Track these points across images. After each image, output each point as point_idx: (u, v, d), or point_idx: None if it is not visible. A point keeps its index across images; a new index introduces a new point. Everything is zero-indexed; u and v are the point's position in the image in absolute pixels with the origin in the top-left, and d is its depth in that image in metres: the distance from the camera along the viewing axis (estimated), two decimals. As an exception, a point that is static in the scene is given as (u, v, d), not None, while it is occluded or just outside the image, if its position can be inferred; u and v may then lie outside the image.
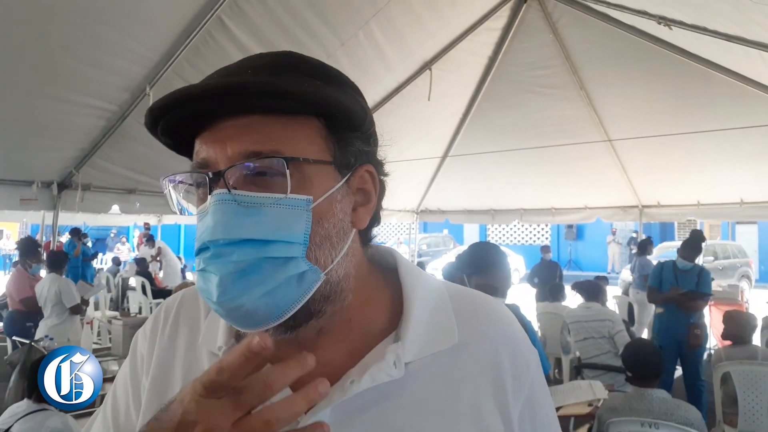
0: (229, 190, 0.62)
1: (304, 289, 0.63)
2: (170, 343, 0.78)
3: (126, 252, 16.75)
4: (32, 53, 4.00)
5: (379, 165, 0.73)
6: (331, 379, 0.66)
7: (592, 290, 5.21)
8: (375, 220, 0.73)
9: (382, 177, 0.74)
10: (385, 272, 0.77)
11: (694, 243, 5.29)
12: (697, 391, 4.93)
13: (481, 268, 2.25)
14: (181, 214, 0.68)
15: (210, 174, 0.63)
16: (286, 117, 0.64)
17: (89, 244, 12.43)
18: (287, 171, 0.62)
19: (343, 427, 0.65)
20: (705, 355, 6.73)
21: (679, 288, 5.14)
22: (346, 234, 0.68)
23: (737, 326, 4.26)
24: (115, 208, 6.37)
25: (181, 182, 0.67)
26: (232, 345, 0.70)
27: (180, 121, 0.65)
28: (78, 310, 5.41)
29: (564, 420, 3.44)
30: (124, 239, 18.28)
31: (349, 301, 0.69)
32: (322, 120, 0.66)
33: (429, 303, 0.73)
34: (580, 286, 5.48)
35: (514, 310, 2.40)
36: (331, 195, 0.66)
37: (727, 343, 4.47)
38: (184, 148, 0.69)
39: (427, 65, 6.14)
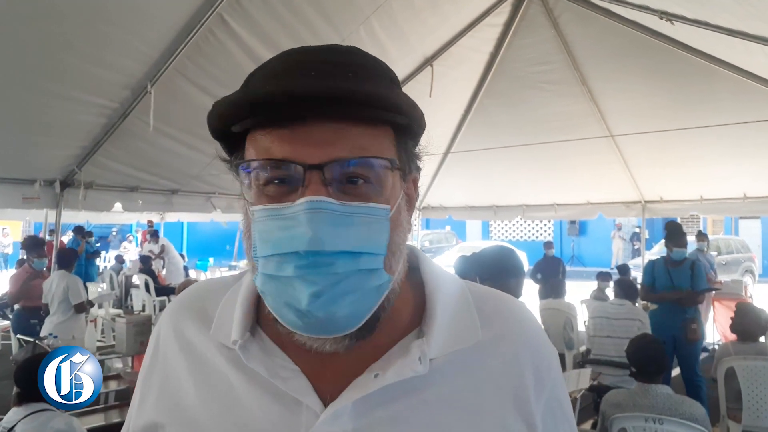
0: (327, 190, 0.60)
1: (378, 298, 0.63)
2: (176, 344, 0.77)
3: (133, 250, 16.74)
4: (33, 51, 4.00)
5: (419, 171, 0.74)
6: (355, 373, 0.67)
7: (629, 288, 5.18)
8: None
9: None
10: (409, 269, 0.75)
11: (676, 232, 5.30)
12: (696, 387, 4.92)
13: (496, 274, 2.23)
14: (252, 206, 0.64)
15: (306, 167, 0.60)
16: (367, 125, 0.62)
17: (94, 242, 12.43)
18: (392, 174, 0.63)
19: (364, 421, 0.65)
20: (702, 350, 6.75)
21: (677, 291, 5.12)
22: (406, 240, 0.69)
23: (749, 322, 4.20)
24: (118, 206, 6.37)
25: (254, 170, 0.63)
26: (247, 338, 0.69)
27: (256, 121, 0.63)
28: (82, 308, 5.42)
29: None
30: (130, 237, 18.29)
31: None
32: (394, 129, 0.66)
33: (452, 300, 0.73)
34: (620, 283, 5.45)
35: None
36: (399, 203, 0.66)
37: (734, 337, 4.45)
38: (223, 136, 0.67)
39: (428, 61, 6.13)
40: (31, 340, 4.72)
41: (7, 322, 7.07)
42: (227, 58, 4.67)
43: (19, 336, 5.42)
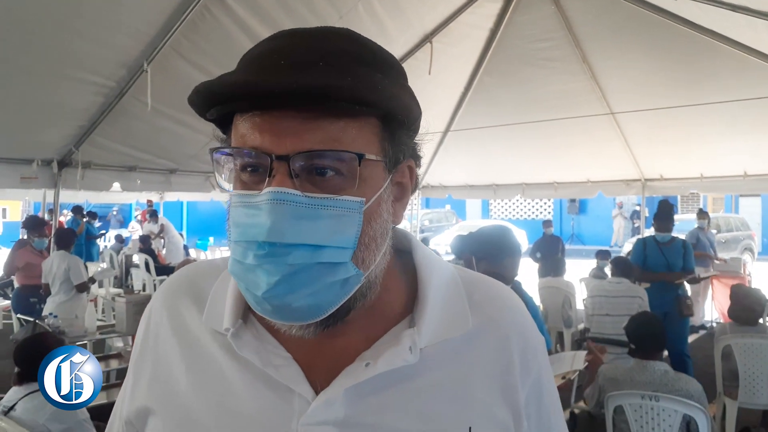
0: (293, 181, 0.60)
1: (345, 291, 0.63)
2: (169, 325, 0.76)
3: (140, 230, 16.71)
4: (28, 29, 3.95)
5: (418, 158, 0.71)
6: (346, 361, 0.67)
7: (626, 266, 5.18)
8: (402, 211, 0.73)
9: (417, 168, 0.73)
10: (400, 255, 0.75)
11: (665, 213, 5.31)
12: (683, 364, 4.96)
13: (491, 253, 2.23)
14: (224, 191, 0.65)
15: (272, 157, 0.60)
16: (347, 116, 0.61)
17: (97, 223, 12.44)
18: (359, 168, 0.60)
19: (355, 408, 0.65)
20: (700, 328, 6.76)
21: (671, 269, 5.17)
22: (387, 232, 0.67)
23: (745, 307, 4.14)
24: (116, 185, 6.36)
25: (227, 155, 0.64)
26: (239, 326, 0.69)
27: (228, 111, 0.63)
28: (84, 287, 5.45)
29: (565, 391, 3.47)
30: (139, 216, 18.25)
31: (378, 292, 0.69)
32: (379, 118, 0.64)
33: (443, 289, 0.73)
34: (616, 261, 5.45)
35: (516, 286, 2.40)
36: (379, 195, 0.65)
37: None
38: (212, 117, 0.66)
39: (427, 38, 6.06)
40: (31, 319, 4.74)
41: (8, 302, 7.11)
42: (223, 36, 4.62)
43: (19, 315, 5.44)
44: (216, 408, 0.68)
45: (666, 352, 5.09)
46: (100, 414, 2.74)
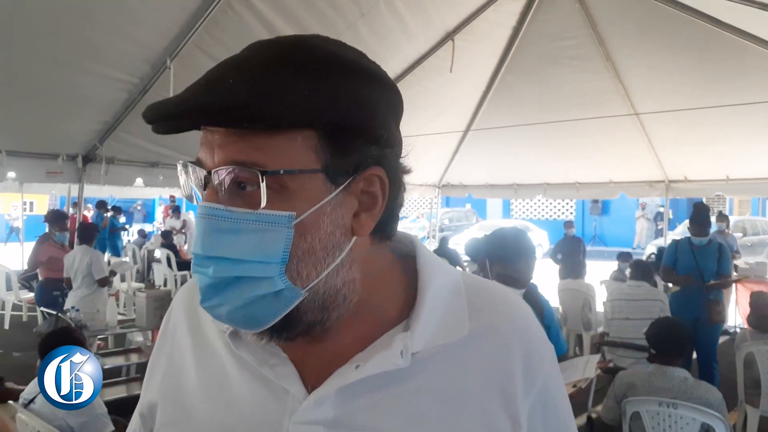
0: (217, 196, 0.61)
1: (282, 305, 0.62)
2: (186, 323, 0.79)
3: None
4: (55, 24, 4.02)
5: (393, 167, 0.68)
6: (340, 363, 0.67)
7: (646, 270, 5.10)
8: (390, 219, 0.70)
9: (402, 174, 0.70)
10: (403, 260, 0.75)
11: (702, 217, 5.13)
12: (710, 370, 4.85)
13: (503, 256, 2.21)
14: (190, 200, 0.68)
15: (203, 173, 0.62)
16: (272, 130, 0.60)
17: (122, 219, 12.63)
18: (262, 184, 0.59)
19: (345, 409, 0.66)
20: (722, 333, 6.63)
21: (701, 272, 4.97)
22: (337, 246, 0.64)
23: (765, 316, 4.04)
24: (139, 181, 6.44)
25: (190, 172, 0.66)
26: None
27: (171, 129, 0.63)
28: (105, 282, 5.52)
29: (582, 395, 3.42)
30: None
31: (356, 300, 0.67)
32: (320, 129, 0.61)
33: (443, 294, 0.71)
34: (636, 265, 5.37)
35: (532, 289, 2.37)
36: (319, 208, 0.62)
37: (753, 327, 4.34)
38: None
39: (449, 36, 6.04)
40: (54, 312, 4.82)
41: (32, 294, 7.24)
42: (246, 32, 4.64)
43: (42, 308, 5.53)
44: (216, 403, 0.71)
45: (694, 356, 5.01)
46: (119, 408, 2.78)
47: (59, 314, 4.59)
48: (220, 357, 0.73)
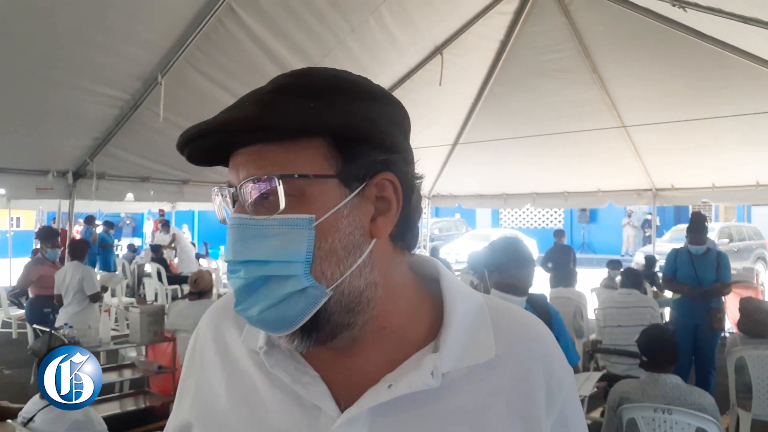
0: (244, 207, 0.68)
1: (309, 303, 0.66)
2: (214, 345, 0.82)
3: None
4: (45, 41, 4.02)
5: (404, 172, 0.73)
6: (370, 382, 0.70)
7: (636, 278, 5.17)
8: (408, 225, 0.74)
9: (413, 180, 0.74)
10: (426, 282, 0.78)
11: (698, 225, 5.19)
12: (707, 375, 4.89)
13: (499, 265, 2.25)
14: (223, 222, 0.74)
15: (231, 191, 0.70)
16: (287, 142, 0.67)
17: (111, 232, 12.52)
18: (280, 189, 0.65)
19: (377, 427, 0.69)
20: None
21: (700, 281, 5.02)
22: (358, 246, 0.69)
23: (755, 321, 4.08)
24: (130, 195, 6.43)
25: (224, 195, 0.73)
26: (272, 345, 0.73)
27: (203, 152, 0.72)
28: (97, 297, 5.48)
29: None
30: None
31: (380, 309, 0.71)
32: (327, 138, 0.68)
33: (469, 316, 0.74)
34: (626, 273, 5.44)
35: (542, 300, 2.39)
36: (336, 210, 0.68)
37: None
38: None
39: (438, 50, 6.11)
40: (47, 329, 4.78)
41: (22, 311, 7.17)
42: (237, 49, 4.67)
43: (35, 326, 5.49)
44: (248, 421, 0.73)
45: (693, 364, 5.05)
46: (118, 425, 2.78)
47: (52, 331, 4.56)
48: (251, 377, 0.75)
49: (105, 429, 2.44)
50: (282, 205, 0.65)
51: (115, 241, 13.84)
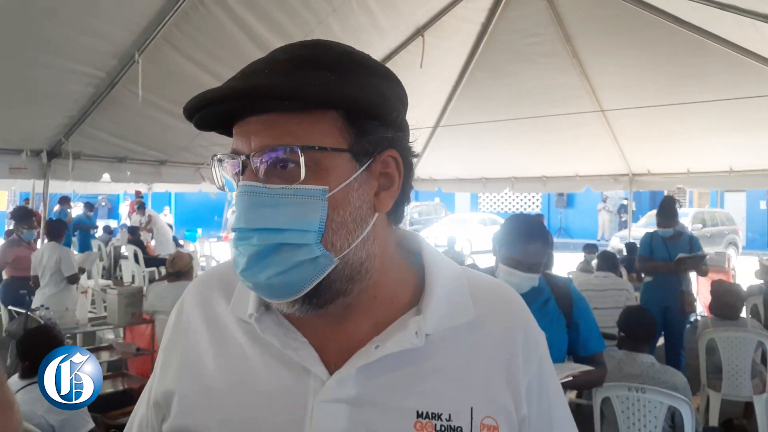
0: (256, 176, 0.68)
1: (317, 271, 0.68)
2: (201, 315, 0.83)
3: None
4: (17, 19, 3.92)
5: (405, 149, 0.76)
6: (357, 345, 0.74)
7: (612, 261, 5.27)
8: (403, 201, 0.77)
9: (411, 159, 0.77)
10: (411, 255, 0.83)
11: (668, 209, 5.28)
12: (677, 357, 5.01)
13: (508, 240, 2.26)
14: (222, 189, 0.75)
15: (241, 159, 0.69)
16: (303, 113, 0.68)
17: (91, 214, 12.32)
18: (302, 159, 0.66)
19: (366, 387, 0.72)
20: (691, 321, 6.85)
21: (670, 263, 5.11)
22: (365, 219, 0.72)
23: (726, 304, 4.17)
24: (106, 176, 6.33)
25: (222, 161, 0.74)
26: (262, 312, 0.76)
27: (212, 117, 0.71)
28: (75, 279, 5.42)
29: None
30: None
31: (375, 279, 0.74)
32: (341, 111, 0.69)
33: (448, 283, 0.79)
34: (603, 256, 5.54)
35: (563, 282, 2.36)
36: (348, 184, 0.70)
37: (713, 315, 4.48)
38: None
39: (419, 32, 6.08)
40: (22, 311, 4.72)
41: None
42: (216, 28, 4.60)
43: (10, 307, 5.40)
44: (240, 388, 0.75)
45: (660, 343, 5.17)
46: (97, 408, 2.76)
47: (29, 313, 4.50)
48: (240, 345, 0.77)
49: (85, 408, 2.43)
50: (302, 175, 0.66)
51: (99, 222, 13.59)
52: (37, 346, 2.51)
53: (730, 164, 7.06)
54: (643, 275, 5.59)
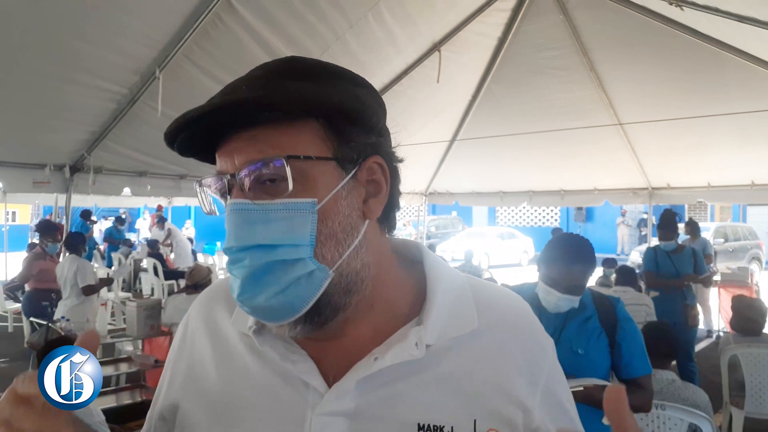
0: (244, 193, 0.67)
1: (314, 287, 0.67)
2: (204, 328, 0.83)
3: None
4: (43, 36, 4.02)
5: (389, 155, 0.75)
6: (357, 358, 0.72)
7: (631, 275, 5.23)
8: (392, 207, 0.76)
9: (395, 164, 0.76)
10: (412, 264, 0.81)
11: (667, 222, 5.29)
12: (690, 373, 4.95)
13: (548, 258, 2.22)
14: (209, 214, 0.75)
15: (226, 178, 0.68)
16: (284, 125, 0.67)
17: (121, 228, 12.45)
18: (288, 171, 0.65)
19: (365, 400, 0.70)
20: (713, 337, 6.73)
21: (681, 276, 5.13)
22: (354, 228, 0.70)
23: (749, 319, 4.10)
24: (126, 190, 6.42)
25: (209, 186, 0.72)
26: (261, 326, 0.74)
27: (194, 140, 0.70)
28: (90, 290, 5.45)
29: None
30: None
31: (371, 288, 0.73)
32: (321, 120, 0.68)
33: (451, 292, 0.77)
34: (621, 270, 5.50)
35: (608, 302, 2.27)
36: (336, 193, 0.69)
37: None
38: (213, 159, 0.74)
39: (436, 47, 6.11)
40: (44, 323, 4.78)
41: (18, 305, 7.17)
42: (235, 44, 4.67)
43: (32, 319, 5.48)
44: (239, 401, 0.74)
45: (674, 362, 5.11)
46: (114, 418, 2.79)
47: (50, 324, 4.56)
48: (242, 357, 0.77)
49: (103, 419, 2.45)
50: (290, 187, 0.65)
51: (130, 240, 13.66)
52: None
53: (752, 178, 6.97)
54: (650, 291, 5.58)
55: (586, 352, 2.12)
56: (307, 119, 0.68)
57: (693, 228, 8.16)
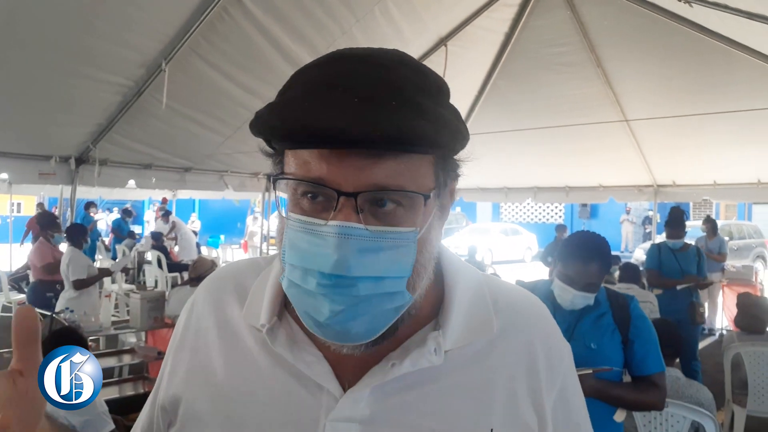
0: (357, 216, 0.61)
1: (397, 314, 0.65)
2: (212, 318, 0.79)
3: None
4: (50, 28, 4.02)
5: (458, 177, 0.74)
6: (373, 361, 0.70)
7: (635, 272, 5.23)
8: None
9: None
10: None
11: (676, 220, 5.28)
12: (693, 371, 4.95)
13: (563, 255, 2.22)
14: (287, 218, 0.66)
15: (340, 193, 0.61)
16: (406, 155, 0.63)
17: (129, 220, 12.45)
18: (421, 205, 0.64)
19: (381, 406, 0.68)
20: (716, 335, 6.72)
21: (686, 275, 5.13)
22: (434, 256, 0.69)
23: (753, 317, 4.10)
24: (131, 182, 6.44)
25: (288, 181, 0.66)
26: (274, 323, 0.72)
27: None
28: (81, 285, 5.32)
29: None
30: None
31: None
32: (435, 157, 0.67)
33: (469, 294, 0.75)
34: (625, 267, 5.50)
35: (623, 300, 2.26)
36: (430, 222, 0.67)
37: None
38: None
39: (442, 41, 6.09)
40: (48, 314, 4.80)
41: (22, 296, 7.20)
42: (242, 37, 4.67)
43: (37, 310, 5.49)
44: (248, 398, 0.71)
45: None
46: (117, 410, 2.80)
47: (54, 315, 4.58)
48: (252, 353, 0.74)
49: (106, 410, 2.46)
50: (405, 219, 0.63)
51: (136, 229, 13.60)
52: (61, 346, 2.56)
53: (758, 176, 6.94)
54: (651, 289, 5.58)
55: (599, 347, 2.14)
56: (426, 155, 0.65)
57: (712, 226, 8.11)
